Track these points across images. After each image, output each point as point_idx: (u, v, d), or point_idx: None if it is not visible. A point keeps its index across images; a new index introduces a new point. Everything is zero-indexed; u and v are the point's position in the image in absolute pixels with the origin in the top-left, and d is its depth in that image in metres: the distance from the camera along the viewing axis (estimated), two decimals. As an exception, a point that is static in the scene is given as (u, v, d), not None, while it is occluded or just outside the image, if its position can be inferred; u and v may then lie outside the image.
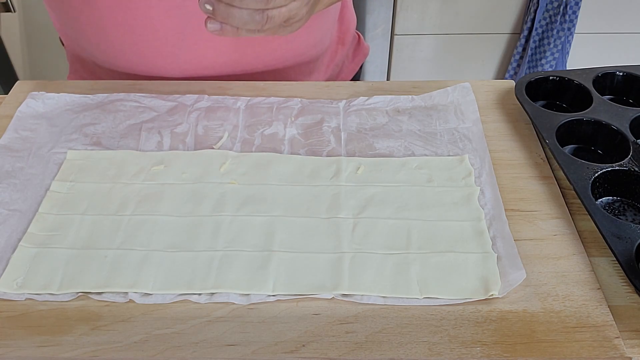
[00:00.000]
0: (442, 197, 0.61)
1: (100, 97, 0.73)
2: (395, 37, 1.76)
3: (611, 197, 0.62)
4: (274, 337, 0.49)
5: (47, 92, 0.72)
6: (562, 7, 1.65)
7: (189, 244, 0.56)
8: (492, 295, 0.52)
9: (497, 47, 1.81)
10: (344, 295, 0.52)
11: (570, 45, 1.73)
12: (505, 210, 0.59)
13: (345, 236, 0.57)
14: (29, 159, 0.65)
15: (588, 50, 1.79)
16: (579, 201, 0.59)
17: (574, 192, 0.60)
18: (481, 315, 0.51)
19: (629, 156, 0.63)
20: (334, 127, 0.70)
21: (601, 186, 0.61)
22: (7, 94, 0.75)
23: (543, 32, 1.70)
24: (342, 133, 0.69)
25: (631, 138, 0.65)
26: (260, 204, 0.60)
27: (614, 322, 0.50)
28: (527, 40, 1.73)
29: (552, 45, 1.71)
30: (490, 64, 1.85)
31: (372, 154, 0.66)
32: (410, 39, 1.77)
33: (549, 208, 0.60)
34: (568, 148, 0.68)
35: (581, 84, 0.72)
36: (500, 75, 1.86)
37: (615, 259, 0.53)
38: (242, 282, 0.52)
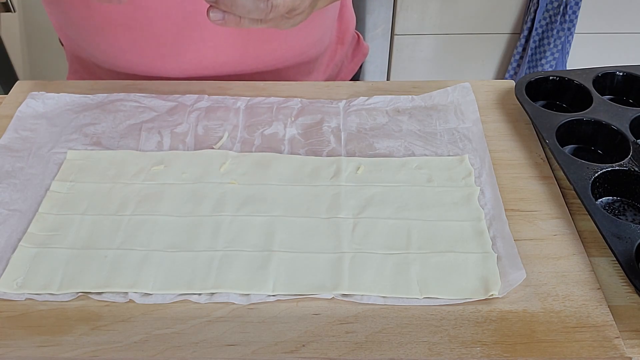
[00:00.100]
0: (442, 197, 0.61)
1: (100, 97, 0.73)
2: (395, 37, 1.76)
3: (611, 197, 0.62)
4: (274, 337, 0.49)
5: (47, 92, 0.72)
6: (562, 7, 1.65)
7: (189, 244, 0.56)
8: (492, 295, 0.52)
9: (497, 47, 1.81)
10: (344, 295, 0.52)
11: (570, 45, 1.73)
12: (505, 210, 0.59)
13: (345, 236, 0.57)
14: (29, 159, 0.65)
15: (588, 50, 1.79)
16: (579, 201, 0.59)
17: (574, 192, 0.60)
18: (481, 315, 0.51)
19: (629, 156, 0.63)
20: (334, 127, 0.70)
21: (601, 186, 0.61)
22: (7, 94, 0.75)
23: (543, 32, 1.70)
24: (342, 133, 0.69)
25: (631, 138, 0.65)
26: (260, 204, 0.60)
27: (614, 322, 0.50)
28: (527, 40, 1.73)
29: (552, 45, 1.71)
30: (490, 64, 1.85)
31: (372, 154, 0.66)
32: (410, 39, 1.77)
33: (549, 208, 0.60)
34: (568, 148, 0.68)
35: (581, 84, 0.72)
36: (500, 75, 1.86)
37: (615, 259, 0.53)
38: (242, 282, 0.52)
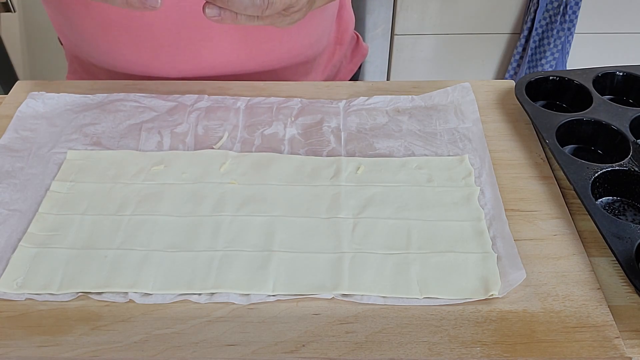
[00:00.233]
0: (442, 197, 0.61)
1: (100, 97, 0.73)
2: (395, 37, 1.76)
3: (611, 197, 0.62)
4: (274, 337, 0.49)
5: (47, 92, 0.72)
6: (562, 7, 1.65)
7: (189, 244, 0.56)
8: (492, 295, 0.52)
9: (497, 47, 1.81)
10: (344, 295, 0.52)
11: (570, 45, 1.73)
12: (505, 210, 0.59)
13: (345, 236, 0.57)
14: (29, 159, 0.65)
15: (588, 50, 1.79)
16: (579, 201, 0.59)
17: (574, 192, 0.60)
18: (481, 315, 0.51)
19: (629, 156, 0.63)
20: (334, 127, 0.70)
21: (601, 186, 0.61)
22: (7, 94, 0.75)
23: (543, 32, 1.70)
24: (342, 133, 0.69)
25: (631, 138, 0.65)
26: (260, 204, 0.60)
27: (614, 322, 0.50)
28: (527, 40, 1.73)
29: (552, 45, 1.71)
30: (490, 64, 1.85)
31: (372, 154, 0.66)
32: (410, 39, 1.77)
33: (549, 208, 0.60)
34: (568, 148, 0.68)
35: (581, 84, 0.72)
36: (500, 75, 1.86)
37: (615, 259, 0.53)
38: (242, 282, 0.52)
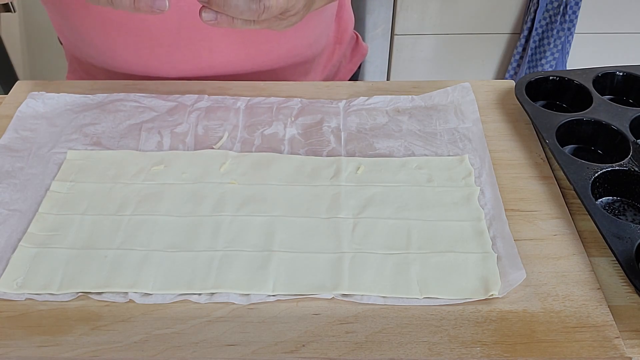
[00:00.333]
0: (442, 197, 0.61)
1: (100, 97, 0.73)
2: (395, 37, 1.76)
3: (611, 197, 0.62)
4: (274, 337, 0.49)
5: (47, 92, 0.72)
6: (562, 7, 1.65)
7: (189, 244, 0.56)
8: (492, 295, 0.51)
9: (497, 47, 1.81)
10: (344, 295, 0.52)
11: (570, 45, 1.73)
12: (505, 210, 0.59)
13: (345, 236, 0.57)
14: (29, 159, 0.65)
15: (588, 50, 1.79)
16: (579, 201, 0.59)
17: (574, 192, 0.60)
18: (481, 315, 0.51)
19: (629, 156, 0.63)
20: (334, 127, 0.70)
21: (601, 186, 0.61)
22: (7, 94, 0.75)
23: (543, 32, 1.70)
24: (342, 133, 0.69)
25: (631, 138, 0.65)
26: (260, 204, 0.60)
27: (614, 322, 0.50)
28: (527, 40, 1.73)
29: (552, 45, 1.71)
30: (490, 64, 1.85)
31: (372, 154, 0.66)
32: (410, 39, 1.77)
33: (549, 208, 0.60)
34: (568, 148, 0.68)
35: (581, 84, 0.72)
36: (500, 75, 1.86)
37: (615, 259, 0.53)
38: (242, 282, 0.52)
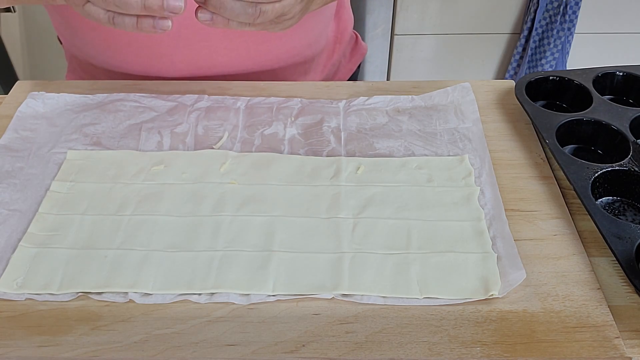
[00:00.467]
0: (442, 197, 0.61)
1: (100, 97, 0.73)
2: (395, 37, 1.76)
3: (611, 197, 0.62)
4: (274, 337, 0.49)
5: (47, 92, 0.72)
6: (562, 7, 1.65)
7: (189, 244, 0.56)
8: (492, 295, 0.51)
9: (497, 47, 1.81)
10: (344, 295, 0.52)
11: (570, 45, 1.73)
12: (505, 210, 0.59)
13: (345, 236, 0.57)
14: (29, 159, 0.65)
15: (588, 50, 1.79)
16: (579, 201, 0.59)
17: (574, 192, 0.60)
18: (481, 315, 0.51)
19: (629, 156, 0.63)
20: (334, 127, 0.70)
21: (601, 186, 0.61)
22: (7, 94, 0.75)
23: (543, 32, 1.70)
24: (342, 133, 0.69)
25: (631, 138, 0.65)
26: (260, 204, 0.60)
27: (614, 322, 0.50)
28: (527, 40, 1.73)
29: (552, 45, 1.71)
30: (490, 64, 1.85)
31: (372, 154, 0.66)
32: (410, 39, 1.77)
33: (549, 208, 0.60)
34: (568, 148, 0.68)
35: (581, 84, 0.72)
36: (500, 75, 1.86)
37: (615, 259, 0.53)
38: (242, 282, 0.52)
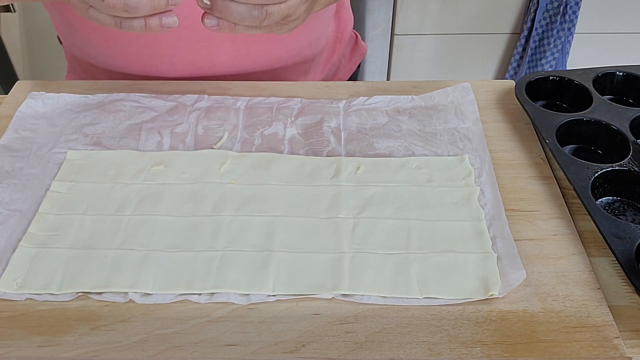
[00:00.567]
0: (442, 197, 0.61)
1: (100, 97, 0.73)
2: (395, 37, 1.76)
3: (611, 197, 0.62)
4: (274, 337, 0.49)
5: (47, 92, 0.72)
6: (562, 7, 1.65)
7: (189, 244, 0.56)
8: (492, 295, 0.52)
9: (497, 47, 1.81)
10: (344, 295, 0.52)
11: (570, 45, 1.73)
12: (505, 210, 0.59)
13: (345, 236, 0.57)
14: (29, 159, 0.65)
15: (588, 50, 1.79)
16: (579, 201, 0.59)
17: (574, 192, 0.60)
18: (481, 315, 0.51)
19: (629, 156, 0.63)
20: (334, 127, 0.70)
21: (601, 186, 0.61)
22: (7, 94, 0.75)
23: (543, 32, 1.70)
24: (342, 133, 0.69)
25: (631, 138, 0.65)
26: (260, 204, 0.60)
27: (614, 322, 0.50)
28: (527, 40, 1.73)
29: (552, 45, 1.71)
30: (490, 64, 1.85)
31: (372, 154, 0.66)
32: (410, 39, 1.77)
33: (549, 208, 0.60)
34: (568, 148, 0.68)
35: (581, 84, 0.72)
36: (500, 75, 1.86)
37: (615, 259, 0.53)
38: (242, 282, 0.52)
